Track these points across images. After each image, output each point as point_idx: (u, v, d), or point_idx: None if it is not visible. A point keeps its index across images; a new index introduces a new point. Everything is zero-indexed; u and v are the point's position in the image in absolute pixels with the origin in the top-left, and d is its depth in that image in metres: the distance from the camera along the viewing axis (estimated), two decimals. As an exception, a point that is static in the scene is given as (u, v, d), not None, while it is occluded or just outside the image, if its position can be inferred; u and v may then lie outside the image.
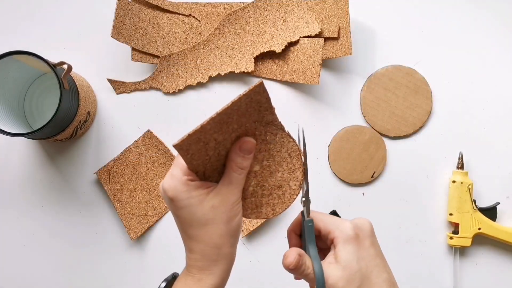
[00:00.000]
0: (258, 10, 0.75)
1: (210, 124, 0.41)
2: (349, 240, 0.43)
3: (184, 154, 0.41)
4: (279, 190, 0.45)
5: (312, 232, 0.44)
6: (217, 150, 0.43)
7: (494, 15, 0.77)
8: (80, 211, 0.76)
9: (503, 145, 0.76)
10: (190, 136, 0.40)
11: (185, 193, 0.42)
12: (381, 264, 0.44)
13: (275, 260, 0.76)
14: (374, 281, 0.42)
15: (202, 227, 0.42)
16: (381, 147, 0.76)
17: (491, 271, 0.76)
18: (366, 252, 0.43)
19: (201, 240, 0.42)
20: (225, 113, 0.41)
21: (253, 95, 0.42)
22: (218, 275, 0.44)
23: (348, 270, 0.42)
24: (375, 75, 0.76)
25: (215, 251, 0.43)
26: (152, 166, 0.76)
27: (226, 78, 0.77)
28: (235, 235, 0.44)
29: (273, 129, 0.45)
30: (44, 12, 0.78)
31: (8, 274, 0.76)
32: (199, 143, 0.41)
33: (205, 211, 0.42)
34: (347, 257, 0.42)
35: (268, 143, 0.45)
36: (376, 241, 0.45)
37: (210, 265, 0.43)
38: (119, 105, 0.77)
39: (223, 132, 0.42)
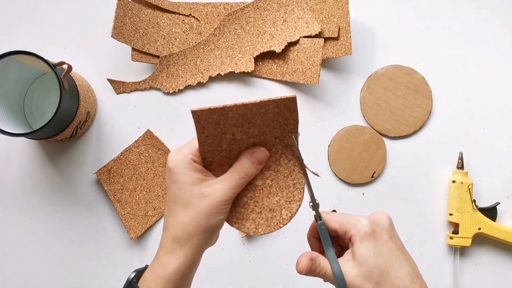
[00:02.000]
0: (258, 10, 0.75)
1: (232, 111, 0.40)
2: (366, 236, 0.42)
3: (200, 130, 0.41)
4: (269, 213, 0.45)
5: (326, 235, 0.44)
6: (230, 147, 0.43)
7: (494, 15, 0.77)
8: (80, 211, 0.76)
9: (503, 145, 0.76)
10: (210, 111, 0.40)
11: (183, 169, 0.42)
12: (401, 258, 0.43)
13: (275, 260, 0.76)
14: (394, 275, 0.42)
15: (184, 208, 0.42)
16: (381, 147, 0.76)
17: (491, 271, 0.76)
18: (384, 247, 0.42)
19: (178, 220, 0.43)
20: (250, 109, 0.41)
21: (283, 108, 0.41)
22: (182, 261, 0.43)
23: (365, 266, 0.41)
24: (375, 75, 0.76)
25: (185, 236, 0.43)
26: (152, 166, 0.76)
27: (226, 78, 0.77)
28: (210, 232, 0.43)
29: (290, 154, 0.44)
30: (44, 12, 0.78)
31: (8, 274, 0.76)
32: (217, 128, 0.41)
33: (193, 195, 0.42)
34: (363, 253, 0.42)
35: (280, 165, 0.44)
36: (396, 234, 0.44)
37: (176, 248, 0.43)
38: (119, 105, 0.77)
39: (242, 130, 0.42)
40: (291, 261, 0.76)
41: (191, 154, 0.43)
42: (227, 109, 0.40)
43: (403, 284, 0.42)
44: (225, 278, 0.76)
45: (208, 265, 0.76)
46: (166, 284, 0.43)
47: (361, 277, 0.41)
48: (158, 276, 0.43)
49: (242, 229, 0.45)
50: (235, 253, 0.76)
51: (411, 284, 0.42)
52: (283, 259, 0.76)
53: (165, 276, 0.43)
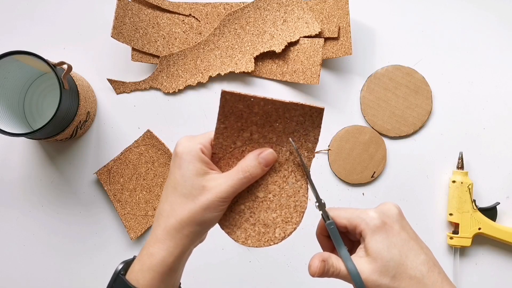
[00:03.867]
0: (258, 10, 0.75)
1: (259, 105, 0.40)
2: (376, 229, 0.41)
3: (221, 117, 0.41)
4: (263, 228, 0.44)
5: (336, 234, 0.43)
6: (244, 147, 0.42)
7: (494, 15, 0.77)
8: (80, 211, 0.76)
9: (503, 145, 0.76)
10: (239, 96, 0.39)
11: (191, 156, 0.41)
12: (416, 247, 0.42)
13: (275, 260, 0.76)
14: (410, 266, 0.40)
15: (182, 197, 0.41)
16: (381, 147, 0.76)
17: (491, 271, 0.76)
18: (396, 238, 0.41)
19: (175, 208, 0.42)
20: (277, 108, 0.40)
21: (308, 118, 0.41)
22: (171, 252, 0.42)
23: (379, 261, 0.40)
24: (375, 75, 0.76)
25: (178, 226, 0.41)
26: (152, 166, 0.76)
27: (226, 78, 0.77)
28: (203, 227, 0.42)
29: (299, 174, 0.43)
30: (44, 12, 0.78)
31: (8, 274, 0.76)
32: (238, 121, 0.41)
33: (194, 185, 0.41)
34: (376, 248, 0.41)
35: (286, 182, 0.44)
36: (407, 223, 0.43)
37: (166, 238, 0.42)
38: (119, 105, 0.77)
39: (261, 132, 0.42)
40: (291, 261, 0.76)
41: (201, 144, 0.42)
42: (255, 100, 0.39)
43: (420, 274, 0.40)
44: (225, 278, 0.76)
45: (208, 265, 0.76)
46: (154, 275, 0.42)
47: (377, 272, 0.40)
48: (146, 266, 0.42)
49: (232, 235, 0.44)
50: (235, 253, 0.76)
51: (428, 273, 0.41)
52: (283, 259, 0.76)
53: (153, 267, 0.42)
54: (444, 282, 0.41)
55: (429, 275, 0.41)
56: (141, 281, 0.42)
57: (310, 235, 0.76)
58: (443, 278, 0.42)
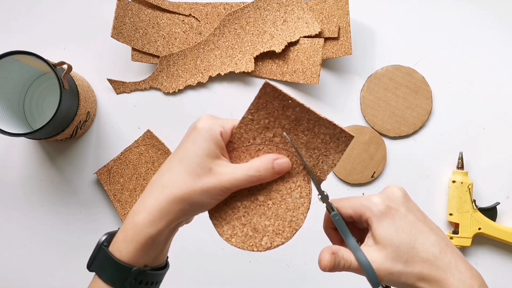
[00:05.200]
0: (258, 10, 0.75)
1: (294, 110, 0.40)
2: (382, 215, 0.40)
3: (253, 108, 0.40)
4: (251, 231, 0.43)
5: (343, 225, 0.42)
6: (261, 146, 0.42)
7: (494, 15, 0.77)
8: (80, 211, 0.76)
9: (503, 145, 0.76)
10: (279, 93, 0.39)
11: (208, 135, 0.40)
12: (425, 228, 0.40)
13: (275, 260, 0.76)
14: (421, 248, 0.39)
15: (185, 172, 0.40)
16: (381, 147, 0.76)
17: (491, 271, 0.76)
18: (404, 221, 0.40)
19: (173, 181, 0.40)
20: (308, 119, 0.40)
21: (334, 140, 0.41)
22: (155, 224, 0.40)
23: (389, 248, 0.39)
24: (375, 75, 0.76)
25: (171, 199, 0.39)
26: (152, 166, 0.76)
27: (226, 78, 0.77)
28: (194, 208, 0.40)
29: (305, 192, 0.42)
30: (44, 12, 0.78)
31: (8, 274, 0.76)
32: (267, 118, 0.41)
33: (202, 165, 0.39)
34: (384, 234, 0.39)
35: (290, 195, 0.42)
36: (413, 205, 0.42)
37: (154, 209, 0.40)
38: (119, 105, 0.77)
39: (283, 135, 0.41)
40: (291, 261, 0.76)
41: (222, 127, 0.41)
42: (293, 103, 0.39)
43: (433, 256, 0.39)
44: (225, 278, 0.76)
45: (208, 265, 0.76)
46: (136, 245, 0.40)
47: (389, 260, 0.39)
48: (129, 237, 0.40)
49: (218, 228, 0.43)
50: (235, 253, 0.76)
51: (441, 254, 0.39)
52: (283, 259, 0.76)
53: (136, 237, 0.40)
54: (459, 261, 0.40)
55: (441, 256, 0.39)
56: (124, 252, 0.40)
57: (310, 235, 0.77)
58: (456, 257, 0.40)
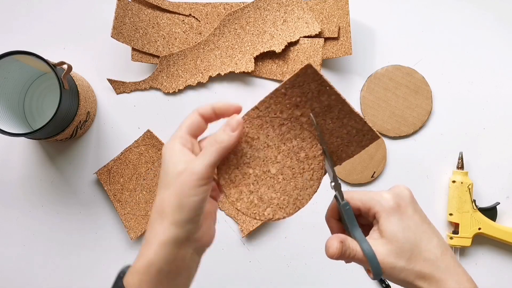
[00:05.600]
0: (258, 10, 0.75)
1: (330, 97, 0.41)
2: (391, 211, 0.41)
3: (290, 82, 0.41)
4: (256, 199, 0.43)
5: (351, 215, 0.43)
6: (284, 122, 0.42)
7: (494, 15, 0.77)
8: (80, 211, 0.76)
9: (503, 145, 0.76)
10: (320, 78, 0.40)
11: (171, 152, 0.40)
12: (429, 230, 0.42)
13: (275, 260, 0.76)
14: (424, 248, 0.41)
15: (164, 188, 0.39)
16: (381, 147, 0.76)
17: (491, 271, 0.76)
18: (410, 221, 0.42)
19: (157, 201, 0.40)
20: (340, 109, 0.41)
21: (358, 136, 0.43)
22: (155, 250, 0.39)
23: (395, 243, 0.41)
24: (375, 75, 0.76)
25: (158, 217, 0.39)
26: (152, 166, 0.76)
27: (226, 78, 0.77)
28: (185, 213, 0.39)
29: (316, 176, 0.43)
30: (44, 11, 0.78)
31: (8, 274, 0.76)
32: (299, 97, 0.41)
33: (173, 174, 0.39)
34: (392, 229, 0.41)
35: (301, 175, 0.43)
36: (418, 207, 0.44)
37: (153, 237, 0.39)
38: (119, 105, 0.77)
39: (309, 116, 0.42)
40: (291, 261, 0.76)
41: (178, 138, 0.41)
42: (330, 90, 0.40)
43: (434, 256, 0.41)
44: (225, 278, 0.76)
45: (208, 265, 0.76)
46: (141, 277, 0.39)
47: (393, 254, 0.40)
48: (135, 268, 0.40)
49: (226, 189, 0.43)
50: (235, 253, 0.76)
51: (442, 256, 0.41)
52: (283, 259, 0.76)
53: (140, 269, 0.39)
54: (457, 265, 0.42)
55: (442, 258, 0.41)
56: (131, 284, 0.40)
57: (310, 235, 0.77)
58: (455, 261, 0.42)
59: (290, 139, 0.42)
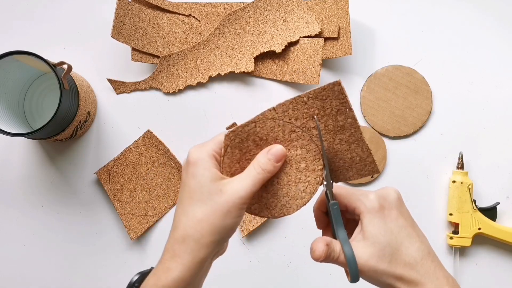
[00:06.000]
0: (258, 10, 0.75)
1: (347, 119, 0.41)
2: (374, 213, 0.41)
3: (314, 93, 0.41)
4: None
5: (338, 215, 0.43)
6: (297, 129, 0.42)
7: (494, 15, 0.77)
8: (80, 211, 0.76)
9: (503, 145, 0.76)
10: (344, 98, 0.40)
11: (205, 163, 0.40)
12: (412, 234, 0.42)
13: (275, 260, 0.76)
14: (405, 252, 0.41)
15: (200, 204, 0.40)
16: (381, 147, 0.76)
17: (491, 271, 0.76)
18: (394, 224, 0.41)
19: (192, 217, 0.40)
20: (352, 133, 0.41)
21: (358, 166, 0.43)
22: (188, 266, 0.39)
23: (377, 246, 0.40)
24: (375, 75, 0.76)
25: (196, 235, 0.39)
26: (152, 166, 0.76)
27: (226, 78, 0.77)
28: (223, 235, 0.40)
29: (310, 189, 0.43)
30: (44, 12, 0.78)
31: (8, 274, 0.76)
32: (318, 110, 0.41)
33: (212, 191, 0.40)
34: (374, 232, 0.41)
35: (296, 184, 0.43)
36: (405, 210, 0.43)
37: (184, 251, 0.39)
38: (119, 105, 0.77)
39: (321, 133, 0.42)
40: (291, 261, 0.76)
41: (214, 150, 0.41)
42: (348, 113, 0.42)
43: (414, 260, 0.41)
44: (225, 278, 0.76)
45: (208, 265, 0.76)
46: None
47: (375, 257, 0.40)
48: (161, 283, 0.40)
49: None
50: (235, 253, 0.76)
51: (422, 260, 0.41)
52: (283, 259, 0.76)
53: (169, 283, 0.39)
54: (437, 269, 0.42)
55: (422, 262, 0.41)
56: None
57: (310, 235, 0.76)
58: (436, 265, 0.42)
59: (296, 147, 0.43)
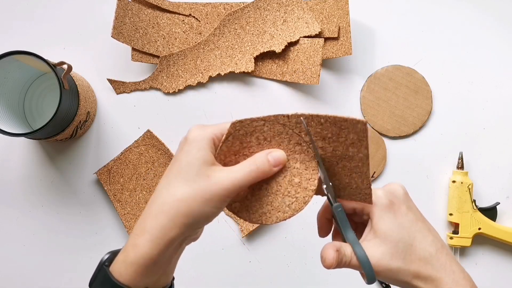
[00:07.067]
0: (258, 10, 0.75)
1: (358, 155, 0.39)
2: (385, 209, 0.40)
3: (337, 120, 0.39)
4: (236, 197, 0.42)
5: (344, 217, 0.41)
6: (303, 144, 0.41)
7: (494, 15, 0.77)
8: (80, 211, 0.76)
9: (503, 145, 0.76)
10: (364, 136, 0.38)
11: (201, 144, 0.39)
12: (424, 228, 0.41)
13: (275, 260, 0.76)
14: (419, 247, 0.40)
15: (184, 184, 0.38)
16: (381, 147, 0.76)
17: (491, 271, 0.76)
18: (404, 218, 0.40)
19: (172, 194, 0.38)
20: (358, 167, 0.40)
21: (357, 192, 0.42)
22: (156, 243, 0.37)
23: (389, 243, 0.39)
24: (375, 75, 0.76)
25: (170, 214, 0.37)
26: (152, 166, 0.76)
27: (226, 78, 0.77)
28: (197, 220, 0.38)
29: (296, 206, 0.42)
30: (44, 11, 0.78)
31: (8, 274, 0.76)
32: (331, 134, 0.39)
33: (200, 173, 0.38)
34: (385, 228, 0.40)
35: (283, 197, 0.42)
36: (413, 205, 0.43)
37: (154, 228, 0.38)
38: (119, 105, 0.77)
39: (324, 148, 0.41)
40: (291, 261, 0.76)
41: (214, 134, 0.40)
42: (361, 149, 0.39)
43: (429, 254, 0.40)
44: (225, 278, 0.76)
45: (208, 265, 0.76)
46: (136, 268, 0.38)
47: (388, 255, 0.39)
48: (130, 259, 0.38)
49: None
50: (235, 253, 0.76)
51: (437, 254, 0.40)
52: (283, 259, 0.76)
53: (136, 260, 0.38)
54: (453, 263, 0.41)
55: (437, 256, 0.40)
56: (124, 274, 0.39)
57: (310, 235, 0.76)
58: (451, 259, 0.41)
59: (296, 160, 0.41)
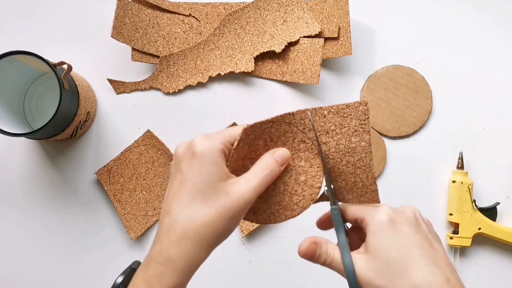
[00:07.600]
0: (258, 10, 0.75)
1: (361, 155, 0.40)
2: (381, 226, 0.37)
3: (343, 110, 0.40)
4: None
5: (339, 219, 0.40)
6: (308, 141, 0.41)
7: (494, 15, 0.77)
8: (80, 211, 0.76)
9: (503, 145, 0.76)
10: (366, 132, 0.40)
11: (213, 157, 0.37)
12: (429, 256, 0.37)
13: (275, 260, 0.76)
14: (415, 274, 0.36)
15: (204, 205, 0.36)
16: (381, 147, 0.76)
17: (491, 271, 0.76)
18: (405, 240, 0.37)
19: (192, 218, 0.36)
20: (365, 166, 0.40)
21: (360, 193, 0.42)
22: (183, 272, 0.36)
23: (379, 261, 0.36)
24: (375, 75, 0.76)
25: (195, 238, 0.36)
26: (152, 166, 0.76)
27: (226, 78, 0.77)
28: (222, 239, 0.37)
29: (303, 204, 0.42)
30: (44, 12, 0.78)
31: (8, 274, 0.76)
32: (338, 129, 0.40)
33: (218, 191, 0.36)
34: (378, 245, 0.37)
35: (291, 195, 0.42)
36: (425, 230, 0.39)
37: (180, 258, 0.36)
38: (119, 105, 0.77)
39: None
40: (291, 261, 0.76)
41: (223, 144, 0.37)
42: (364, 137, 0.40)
43: (427, 284, 0.35)
44: (225, 278, 0.76)
45: (207, 265, 0.76)
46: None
47: (375, 272, 0.36)
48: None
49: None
50: (235, 253, 0.76)
51: (437, 286, 0.36)
52: (283, 259, 0.76)
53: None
54: None
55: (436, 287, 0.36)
56: None
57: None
58: None
59: (301, 159, 0.41)
